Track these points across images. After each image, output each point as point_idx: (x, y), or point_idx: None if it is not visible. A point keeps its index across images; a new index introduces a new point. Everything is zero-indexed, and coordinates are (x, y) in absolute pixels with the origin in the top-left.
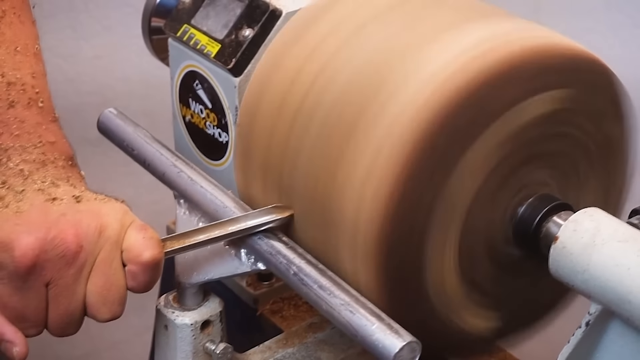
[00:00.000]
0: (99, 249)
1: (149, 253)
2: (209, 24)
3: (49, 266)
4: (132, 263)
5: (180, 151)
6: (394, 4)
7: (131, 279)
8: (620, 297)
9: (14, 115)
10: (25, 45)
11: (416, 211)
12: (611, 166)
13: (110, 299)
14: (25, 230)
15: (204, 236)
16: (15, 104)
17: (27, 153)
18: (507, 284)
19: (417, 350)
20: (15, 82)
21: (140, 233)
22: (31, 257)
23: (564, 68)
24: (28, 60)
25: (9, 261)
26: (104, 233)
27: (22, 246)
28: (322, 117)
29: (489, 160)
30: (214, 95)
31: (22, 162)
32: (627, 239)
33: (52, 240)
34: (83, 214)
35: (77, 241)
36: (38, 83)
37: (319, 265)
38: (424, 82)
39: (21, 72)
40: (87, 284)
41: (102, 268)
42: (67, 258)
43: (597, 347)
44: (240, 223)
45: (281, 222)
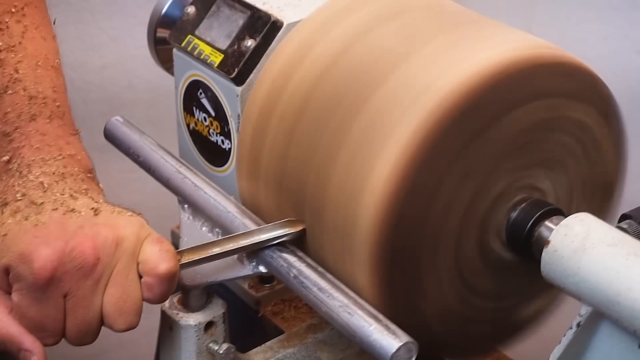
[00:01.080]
0: (115, 261)
1: (164, 265)
2: (213, 35)
3: (67, 278)
4: (148, 275)
5: (185, 158)
6: (390, 17)
7: (147, 290)
8: (610, 299)
9: (35, 128)
10: (46, 59)
11: (413, 217)
12: (601, 172)
13: (127, 310)
14: (44, 242)
15: (218, 249)
16: (37, 117)
17: (47, 166)
18: (501, 287)
19: (413, 350)
20: (36, 95)
21: (156, 246)
22: (50, 269)
23: (557, 77)
24: (49, 74)
25: (28, 273)
26: (121, 245)
27: (41, 258)
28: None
29: (483, 166)
30: (217, 103)
31: (42, 175)
32: (616, 243)
33: (70, 253)
34: (100, 226)
35: (95, 253)
36: (59, 97)
37: (318, 268)
38: (418, 97)
39: (42, 86)
40: (104, 295)
41: (119, 280)
42: (84, 270)
43: (587, 347)
44: (253, 236)
45: (293, 237)
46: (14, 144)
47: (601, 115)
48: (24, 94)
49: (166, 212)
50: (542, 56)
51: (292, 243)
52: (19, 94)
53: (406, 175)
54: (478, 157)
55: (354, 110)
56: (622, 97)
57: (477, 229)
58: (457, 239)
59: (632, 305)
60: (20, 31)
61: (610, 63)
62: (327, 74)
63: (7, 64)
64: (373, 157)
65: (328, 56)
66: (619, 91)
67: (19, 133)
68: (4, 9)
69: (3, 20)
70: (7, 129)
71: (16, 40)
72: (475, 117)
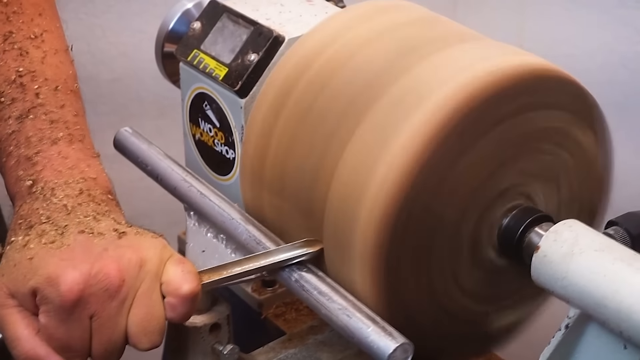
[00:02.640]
0: (139, 282)
1: (187, 286)
2: (217, 49)
3: (93, 300)
4: (172, 295)
5: (191, 167)
6: (387, 31)
7: (170, 310)
8: (597, 302)
9: (57, 152)
10: (66, 84)
11: (409, 225)
12: (589, 180)
13: (151, 329)
14: (70, 265)
15: (239, 269)
16: (58, 140)
17: (70, 188)
18: (494, 290)
19: (409, 351)
20: (57, 119)
21: (178, 267)
22: (76, 291)
23: (546, 89)
24: (68, 98)
25: (55, 295)
26: (145, 267)
27: (67, 281)
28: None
29: (478, 173)
30: (222, 115)
31: (65, 197)
32: (603, 249)
33: (96, 275)
34: (124, 248)
35: (120, 275)
36: (79, 120)
37: (318, 272)
38: (419, 104)
39: (63, 111)
40: (129, 315)
41: (143, 300)
42: (110, 292)
43: (575, 348)
44: (273, 256)
45: (312, 256)
46: (37, 167)
47: (590, 128)
48: (45, 118)
49: (173, 219)
50: (534, 69)
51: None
52: (40, 118)
53: (406, 182)
54: (473, 165)
55: (354, 122)
56: (608, 108)
57: (471, 236)
58: (451, 247)
59: (618, 307)
60: (40, 57)
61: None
62: (327, 87)
63: (28, 89)
64: (372, 166)
65: (328, 70)
66: (605, 104)
67: (41, 157)
68: (24, 35)
69: (23, 47)
70: (30, 152)
71: (36, 66)
72: (472, 129)
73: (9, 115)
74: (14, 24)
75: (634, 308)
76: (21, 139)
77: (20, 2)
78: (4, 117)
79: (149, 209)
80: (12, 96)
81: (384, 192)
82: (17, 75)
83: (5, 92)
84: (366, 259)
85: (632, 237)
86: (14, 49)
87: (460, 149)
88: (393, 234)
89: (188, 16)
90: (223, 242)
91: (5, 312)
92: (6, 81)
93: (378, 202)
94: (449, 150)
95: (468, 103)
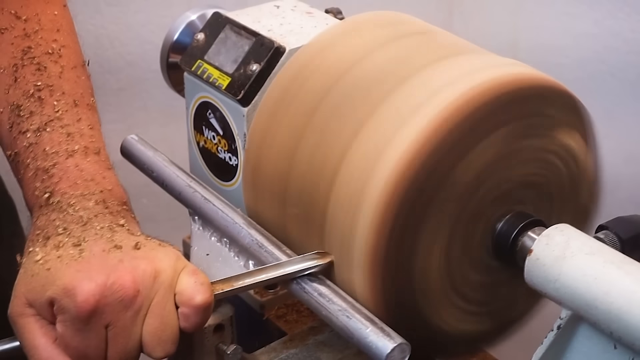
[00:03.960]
0: (154, 293)
1: (200, 297)
2: (220, 60)
3: (109, 310)
4: (185, 306)
5: (195, 173)
6: (385, 43)
7: (184, 320)
8: (588, 303)
9: (73, 164)
10: (82, 98)
11: (405, 231)
12: (579, 186)
13: (165, 339)
14: (86, 276)
15: (250, 280)
16: (75, 153)
17: (86, 200)
18: (488, 292)
19: (406, 351)
20: (74, 132)
21: (192, 278)
22: (92, 302)
23: (539, 98)
24: (85, 112)
25: (71, 306)
26: (159, 278)
27: (84, 292)
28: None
29: (472, 180)
30: (225, 123)
31: (81, 209)
32: (594, 252)
33: (112, 286)
34: (139, 260)
35: (135, 286)
36: (94, 133)
37: (328, 283)
38: (414, 113)
39: (79, 124)
40: (144, 325)
41: (157, 310)
42: (125, 302)
43: (567, 348)
44: (284, 268)
45: (322, 268)
46: (54, 179)
47: (581, 136)
48: (62, 131)
49: (178, 224)
50: (527, 79)
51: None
52: (57, 131)
53: (402, 188)
54: (468, 171)
55: (352, 131)
56: (598, 116)
57: (466, 240)
58: (447, 250)
59: (609, 309)
60: (57, 71)
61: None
62: (327, 97)
63: (46, 103)
64: (370, 173)
65: (327, 80)
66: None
67: (57, 169)
68: (42, 50)
69: (41, 62)
70: (47, 165)
71: (54, 80)
72: (469, 132)
73: (27, 129)
74: (32, 40)
75: (624, 309)
76: (38, 151)
77: (38, 19)
78: (22, 130)
79: (155, 214)
80: (30, 109)
81: (380, 198)
82: (36, 90)
83: (23, 105)
84: (365, 263)
85: (621, 241)
86: (32, 64)
87: (454, 157)
88: (389, 240)
89: (192, 28)
90: (226, 246)
91: (24, 321)
92: (25, 95)
93: (375, 208)
94: (443, 157)
95: (463, 111)
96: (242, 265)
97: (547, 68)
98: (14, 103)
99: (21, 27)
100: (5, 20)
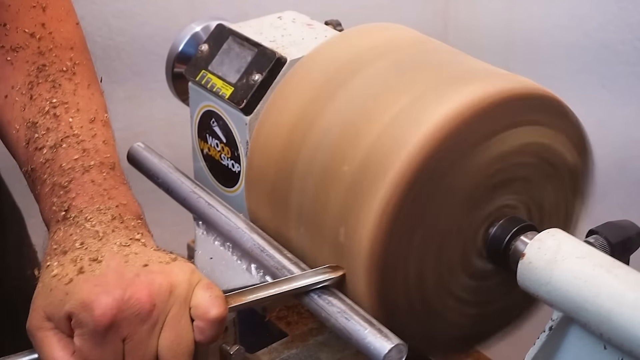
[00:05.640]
0: (170, 307)
1: (215, 311)
2: (224, 70)
3: (126, 324)
4: (200, 319)
5: (199, 180)
6: (381, 54)
7: (199, 333)
8: (579, 305)
9: (89, 179)
10: (96, 114)
11: (401, 236)
12: (571, 192)
13: (180, 352)
14: (103, 291)
15: (263, 293)
16: (90, 169)
17: (103, 215)
18: (482, 295)
19: (403, 351)
20: (89, 148)
21: (207, 292)
22: (110, 316)
23: (532, 106)
24: (99, 128)
25: (89, 320)
26: (174, 292)
27: (101, 306)
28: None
29: (468, 186)
30: (228, 131)
31: (98, 224)
32: (584, 256)
33: (128, 301)
34: (155, 274)
35: (151, 300)
36: (109, 149)
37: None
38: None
39: (94, 140)
40: (159, 339)
41: (173, 324)
42: (141, 316)
43: (559, 348)
44: (297, 281)
45: (334, 281)
46: (70, 194)
47: (571, 142)
48: (78, 147)
49: (182, 228)
50: (520, 89)
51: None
52: (73, 147)
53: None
54: (463, 178)
55: (353, 140)
56: (589, 125)
57: (461, 244)
58: (442, 253)
59: (598, 311)
60: (72, 89)
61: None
62: (327, 106)
63: (61, 120)
64: (370, 181)
65: (327, 90)
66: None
67: (74, 184)
68: (57, 67)
69: (56, 79)
70: (63, 180)
71: (69, 97)
72: (462, 142)
73: (43, 145)
74: (47, 58)
75: (613, 311)
76: (55, 167)
77: (52, 37)
78: (38, 146)
79: (160, 219)
80: (46, 126)
81: (378, 208)
82: (51, 107)
83: (39, 122)
84: (363, 269)
85: (611, 245)
86: (47, 82)
87: (450, 163)
88: (387, 246)
89: (196, 39)
90: (229, 250)
91: (42, 335)
92: (40, 112)
93: (371, 216)
94: (439, 165)
95: (457, 122)
96: (244, 269)
97: (539, 79)
98: (30, 120)
99: (35, 46)
100: (20, 39)
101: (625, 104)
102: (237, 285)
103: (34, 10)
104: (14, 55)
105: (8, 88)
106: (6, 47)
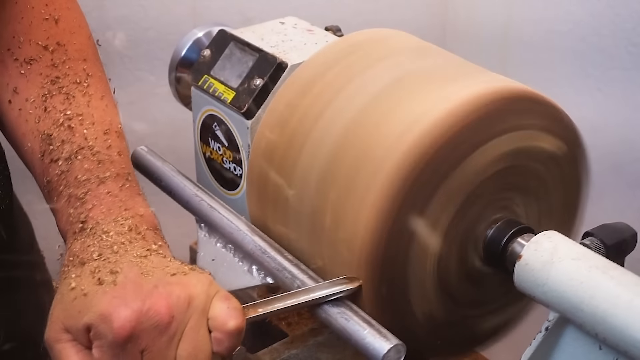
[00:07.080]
0: (188, 318)
1: (233, 322)
2: (226, 75)
3: (144, 335)
4: (218, 331)
5: (201, 183)
6: (379, 59)
7: (217, 344)
8: (574, 306)
9: (105, 191)
10: (110, 125)
11: (400, 239)
12: (566, 195)
13: None
14: (122, 303)
15: (280, 304)
16: (106, 180)
17: (119, 226)
18: (479, 296)
19: (402, 351)
20: (104, 160)
21: (224, 303)
22: (129, 328)
23: (528, 110)
24: (113, 139)
25: (108, 332)
26: (192, 303)
27: (120, 318)
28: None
29: (464, 189)
30: (230, 135)
31: (115, 235)
32: (580, 257)
33: (147, 312)
34: (173, 286)
35: (169, 312)
36: (123, 160)
37: (318, 279)
38: (405, 129)
39: (109, 151)
40: (178, 350)
41: (191, 335)
42: (160, 328)
43: (555, 348)
44: (313, 292)
45: (350, 292)
46: (87, 205)
47: (566, 145)
48: (93, 159)
49: (185, 231)
50: (516, 93)
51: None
52: (88, 159)
53: (395, 199)
54: (460, 181)
55: (350, 147)
56: (584, 128)
57: (458, 246)
58: (440, 254)
59: (594, 311)
60: (85, 101)
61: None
62: (326, 110)
63: (76, 131)
64: (367, 183)
65: (326, 94)
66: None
67: (90, 196)
68: (70, 79)
69: (70, 91)
70: (79, 192)
71: (83, 109)
72: (456, 147)
73: (59, 157)
74: (60, 70)
75: (608, 312)
76: (70, 179)
77: (65, 49)
78: (53, 158)
79: (163, 221)
80: (61, 138)
81: (374, 210)
82: (65, 119)
83: (54, 134)
84: (361, 271)
85: (606, 247)
86: (61, 93)
87: (447, 167)
88: (385, 250)
89: (199, 44)
90: (231, 252)
91: (61, 346)
92: (55, 124)
93: (369, 221)
94: (435, 170)
95: (453, 126)
96: (246, 270)
97: (536, 84)
98: (45, 132)
99: (49, 58)
100: (33, 52)
101: (620, 108)
102: (239, 287)
103: (46, 23)
104: (27, 67)
105: (22, 101)
106: (20, 59)
